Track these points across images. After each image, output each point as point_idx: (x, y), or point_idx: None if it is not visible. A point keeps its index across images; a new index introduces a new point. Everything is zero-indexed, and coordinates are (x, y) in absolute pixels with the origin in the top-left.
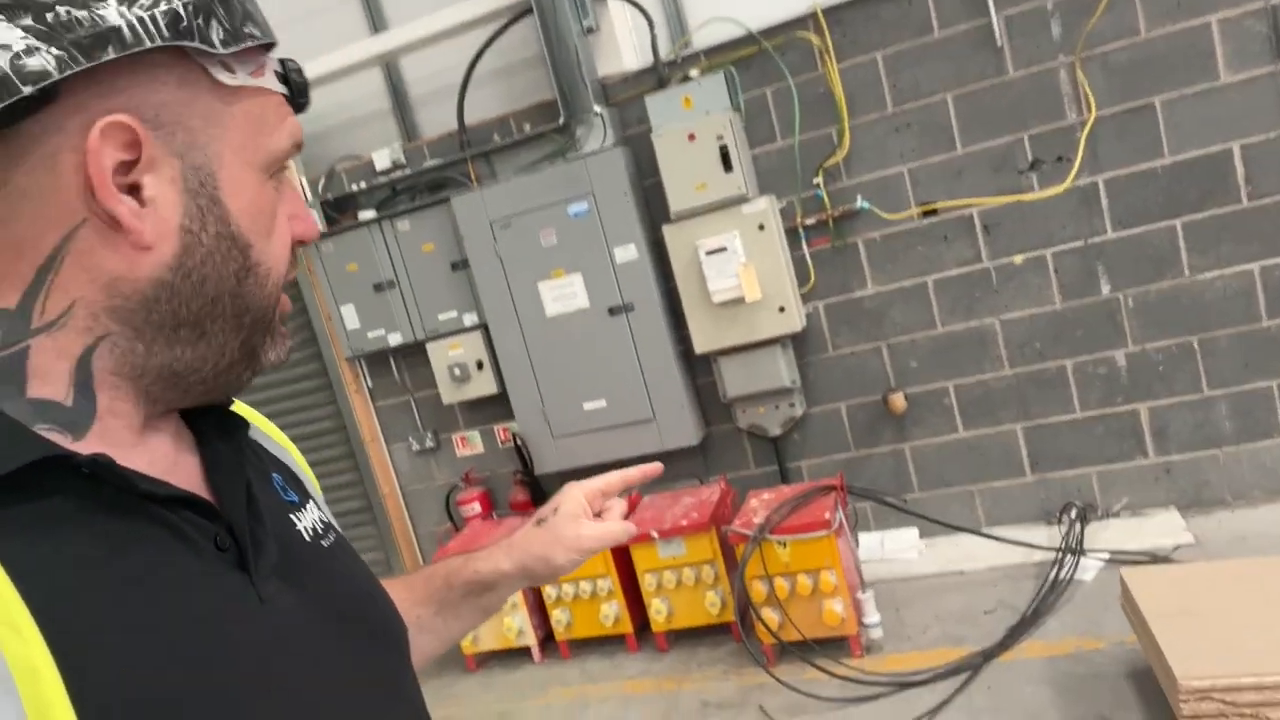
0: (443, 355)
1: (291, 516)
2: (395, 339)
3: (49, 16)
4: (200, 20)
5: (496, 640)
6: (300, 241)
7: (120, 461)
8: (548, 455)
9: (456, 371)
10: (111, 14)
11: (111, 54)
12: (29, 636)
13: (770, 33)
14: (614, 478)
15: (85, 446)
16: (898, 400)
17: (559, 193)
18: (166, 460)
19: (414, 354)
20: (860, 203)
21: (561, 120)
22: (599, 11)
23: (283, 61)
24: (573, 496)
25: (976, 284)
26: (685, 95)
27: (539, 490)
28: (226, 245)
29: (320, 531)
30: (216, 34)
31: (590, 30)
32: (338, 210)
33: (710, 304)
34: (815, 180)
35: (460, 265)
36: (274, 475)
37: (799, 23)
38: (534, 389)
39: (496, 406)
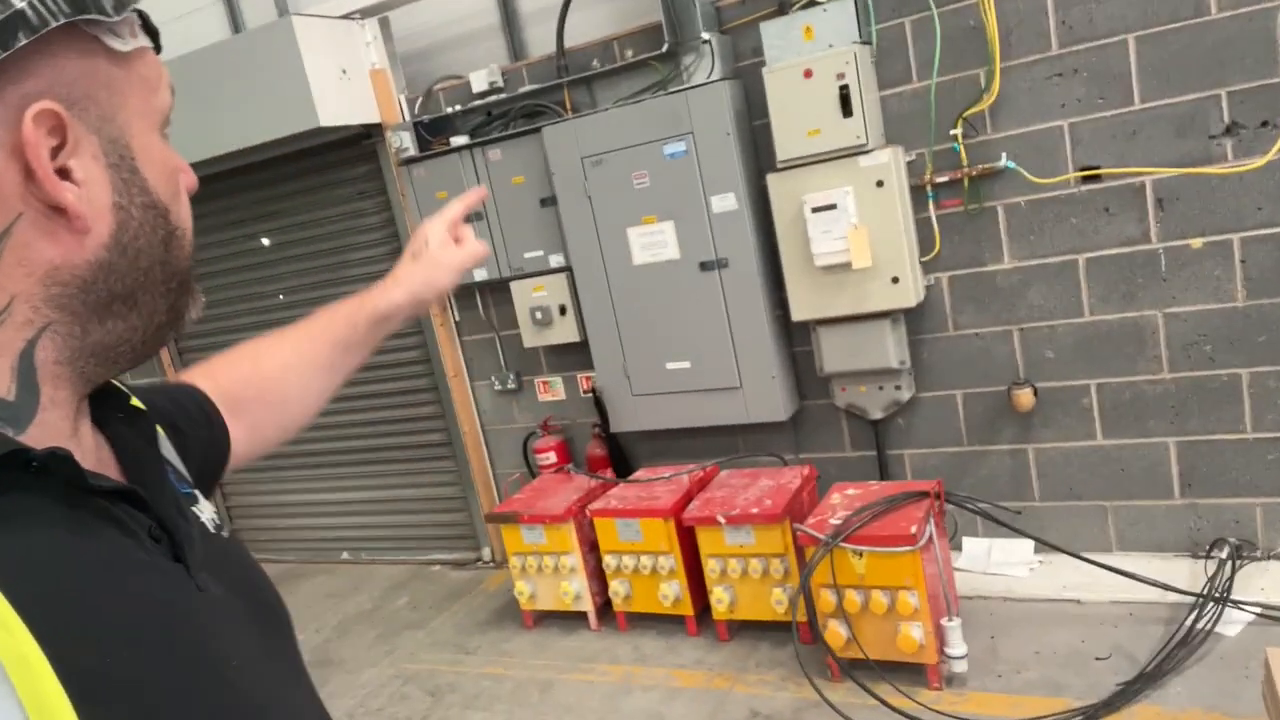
0: (526, 296)
1: (193, 510)
2: (481, 274)
3: None
4: None
5: (554, 601)
6: (191, 192)
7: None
8: (625, 413)
9: (539, 315)
10: None
11: (23, 39)
12: (15, 629)
13: None
14: (457, 206)
15: (29, 439)
16: (1025, 395)
17: (656, 130)
18: (93, 452)
19: (501, 291)
20: (1005, 161)
21: (666, 46)
22: None
23: (140, 12)
24: (436, 230)
25: (1140, 268)
26: (807, 23)
27: (616, 448)
28: (152, 215)
29: (218, 524)
30: (108, 0)
31: None
32: (432, 133)
33: (813, 267)
34: (953, 131)
35: (549, 202)
36: (167, 467)
37: None
38: (616, 342)
39: (579, 354)
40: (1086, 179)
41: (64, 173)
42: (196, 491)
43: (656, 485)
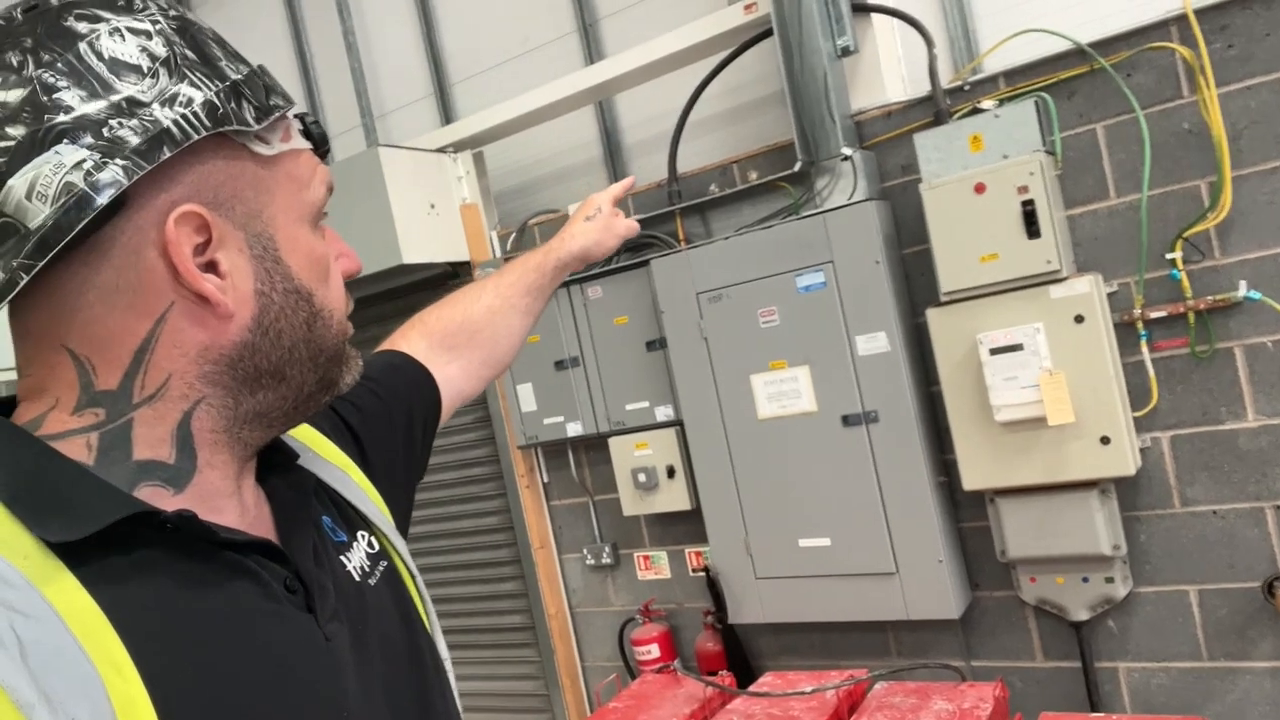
0: (627, 455)
1: (341, 558)
2: (575, 428)
3: (106, 132)
4: (233, 104)
5: None
6: (349, 276)
7: (216, 511)
8: (747, 599)
9: (642, 477)
10: (160, 117)
11: (167, 153)
12: (128, 675)
13: (1108, 46)
14: (617, 187)
15: (186, 498)
16: None
17: (787, 259)
18: (251, 508)
19: (596, 448)
20: (1244, 290)
21: (798, 165)
22: (859, 29)
23: (301, 118)
24: (606, 201)
25: None
26: (973, 133)
27: (734, 641)
28: (294, 299)
29: (367, 569)
30: (248, 112)
31: (846, 52)
32: None
33: (991, 422)
34: (1170, 255)
35: (656, 345)
36: (324, 517)
37: (1155, 30)
38: (736, 511)
39: (689, 524)
40: None
41: (212, 265)
42: (359, 534)
43: (793, 701)
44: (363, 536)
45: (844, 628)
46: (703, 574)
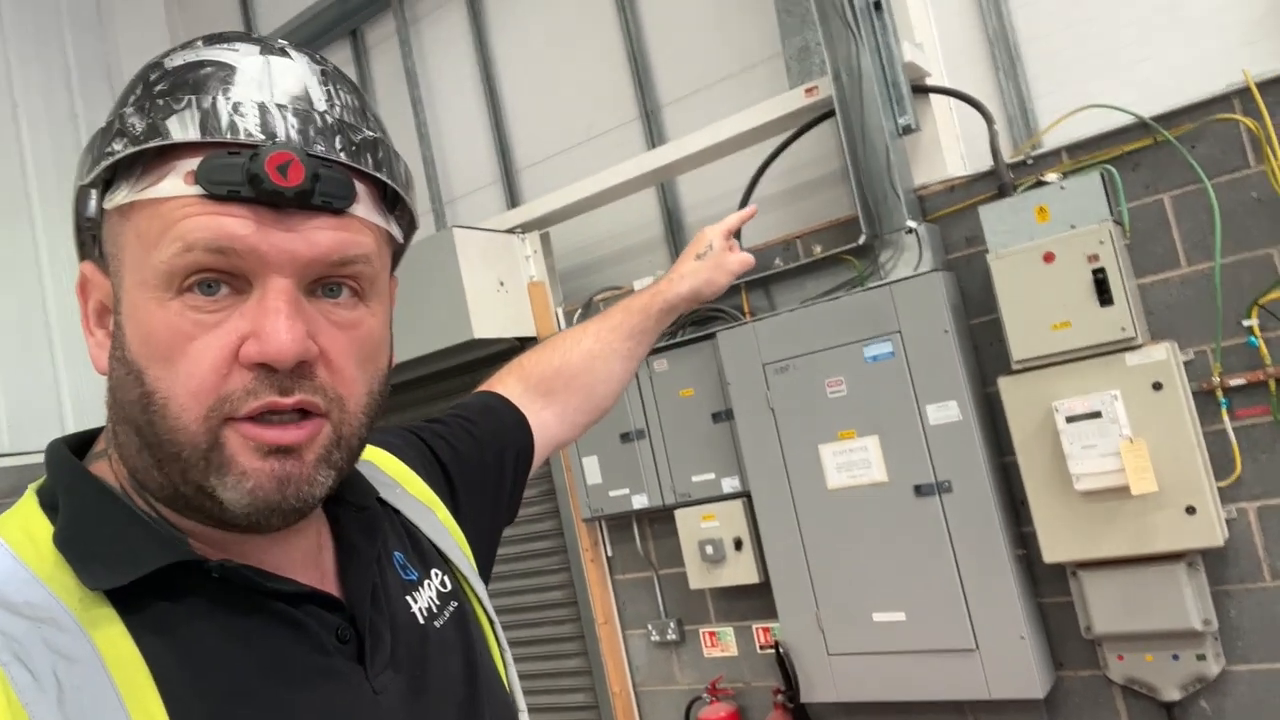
0: (694, 527)
1: (408, 598)
2: (640, 501)
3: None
4: (90, 153)
5: None
6: (249, 361)
7: (260, 558)
8: (819, 677)
9: (709, 550)
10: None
11: (91, 202)
12: None
13: (1170, 119)
14: (733, 218)
15: (197, 549)
16: None
17: (854, 330)
18: (307, 557)
19: (662, 521)
20: None
21: (863, 239)
22: (919, 109)
23: (221, 155)
24: (719, 236)
25: None
26: (1039, 204)
27: None
28: (124, 372)
29: (434, 609)
30: (87, 163)
31: (907, 130)
32: None
33: (1071, 492)
34: (1247, 322)
35: (723, 416)
36: (396, 554)
37: (1218, 103)
38: (807, 585)
39: (757, 599)
40: None
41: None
42: (434, 571)
43: None
44: (436, 574)
45: (921, 708)
46: (771, 651)
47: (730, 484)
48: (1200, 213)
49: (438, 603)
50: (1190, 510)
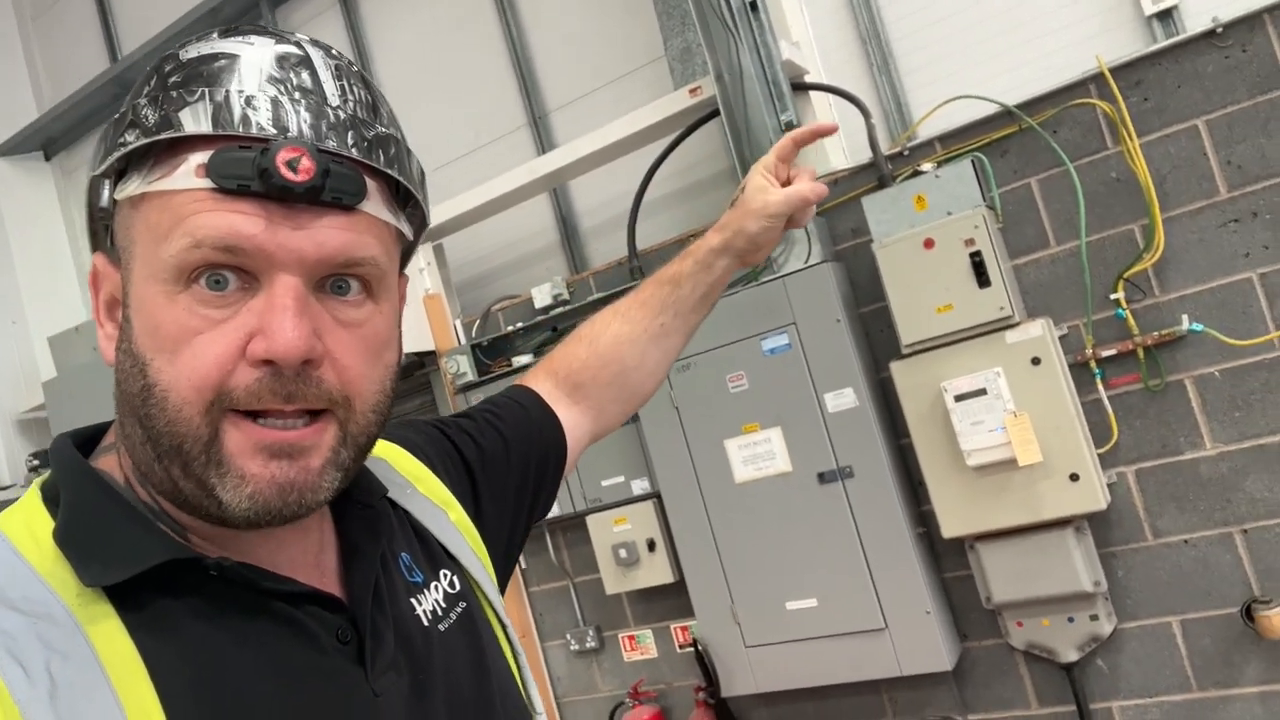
0: (606, 532)
1: (413, 600)
2: (551, 510)
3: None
4: (101, 145)
5: None
6: (263, 361)
7: (259, 555)
8: (738, 670)
9: (623, 553)
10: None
11: (105, 192)
12: None
13: (1033, 106)
14: (784, 141)
15: (198, 546)
16: (1275, 617)
17: (751, 324)
18: (308, 555)
19: (574, 528)
20: (1187, 324)
21: None
22: (800, 106)
23: (229, 149)
24: (757, 172)
25: None
26: (917, 193)
27: (728, 716)
28: (130, 364)
29: (440, 612)
30: (100, 153)
31: (789, 126)
32: (491, 356)
33: (964, 468)
34: (1114, 295)
35: (628, 420)
36: (402, 555)
37: (1077, 88)
38: (720, 580)
39: (673, 598)
40: None
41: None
42: (443, 573)
43: None
44: (444, 575)
45: (838, 691)
46: (690, 649)
47: (640, 485)
48: (1066, 194)
49: (444, 605)
50: (1074, 477)
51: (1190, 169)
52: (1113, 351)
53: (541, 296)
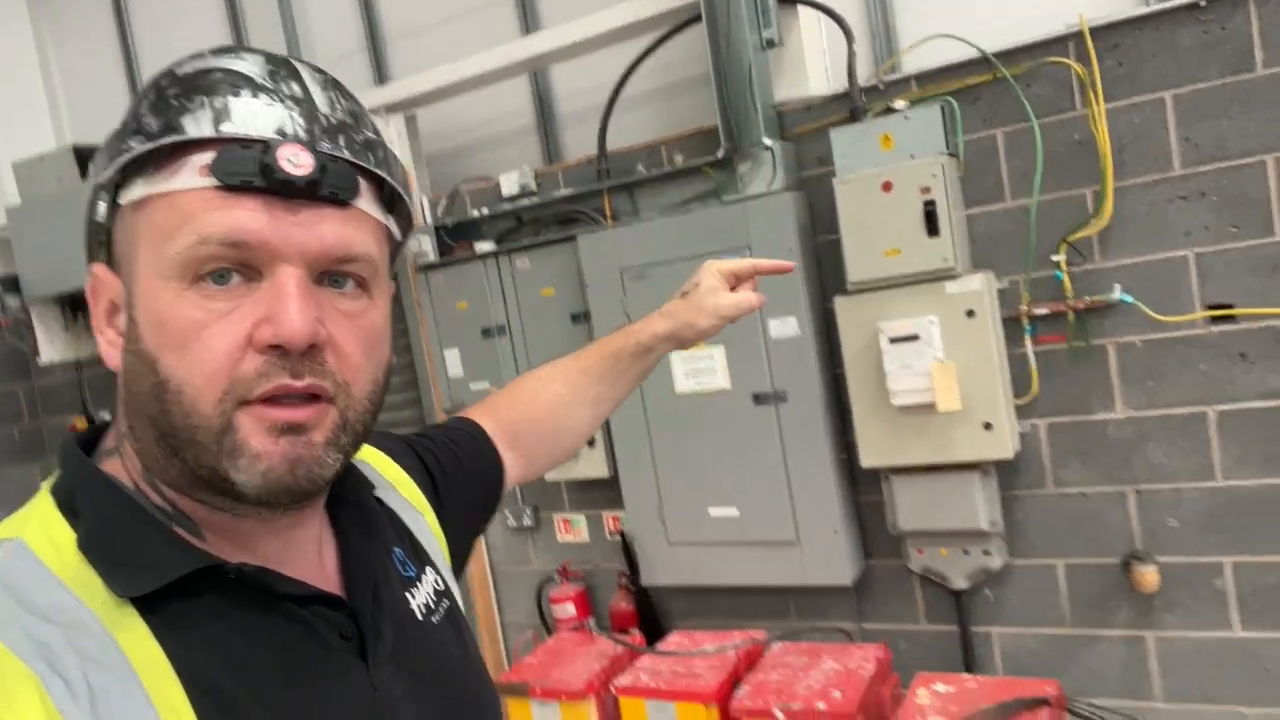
0: None
1: (406, 594)
2: None
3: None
4: (105, 155)
5: None
6: (270, 346)
7: (267, 553)
8: (659, 563)
9: None
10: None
11: (100, 206)
12: None
13: (1011, 56)
14: (744, 264)
15: (212, 545)
16: (1148, 574)
17: (708, 242)
18: (310, 553)
19: None
20: (1118, 293)
21: (722, 152)
22: (784, 22)
23: (228, 151)
24: (711, 272)
25: None
26: (885, 131)
27: (646, 602)
28: (138, 364)
29: (432, 605)
30: (103, 161)
31: (770, 44)
32: (454, 238)
33: (888, 406)
34: (1055, 257)
35: (581, 318)
36: (395, 550)
37: (1055, 44)
38: (651, 481)
39: (608, 491)
40: (1217, 319)
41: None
42: (428, 569)
43: (696, 660)
44: (430, 572)
45: (748, 591)
46: (619, 538)
47: None
48: (1028, 150)
49: (434, 600)
50: (988, 426)
51: (1149, 141)
52: (1045, 310)
53: (509, 184)
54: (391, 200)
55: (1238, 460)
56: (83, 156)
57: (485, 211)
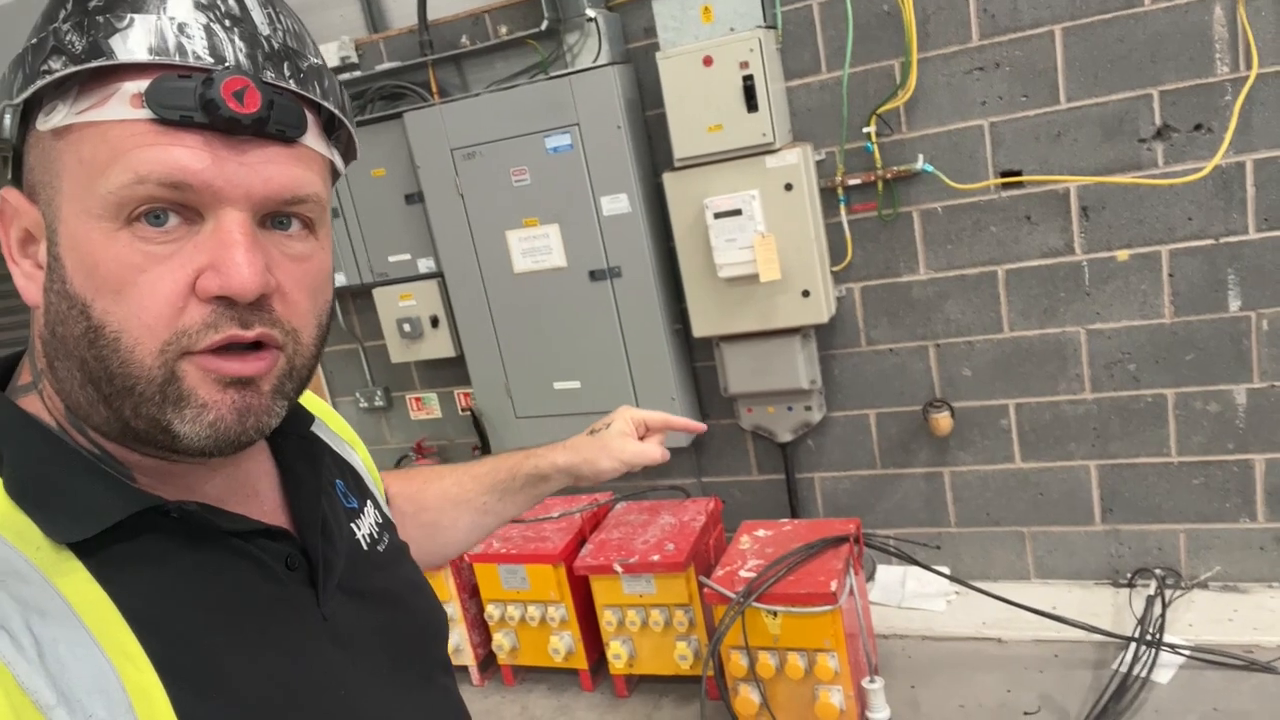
0: (392, 306)
1: (352, 525)
2: (339, 279)
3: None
4: (18, 71)
5: None
6: (218, 296)
7: (205, 490)
8: (508, 436)
9: (407, 327)
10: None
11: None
12: (141, 664)
13: None
14: (657, 418)
15: (145, 487)
16: (943, 418)
17: (536, 120)
18: (249, 485)
19: (364, 297)
20: (921, 163)
21: (545, 24)
22: None
23: (166, 78)
24: (624, 417)
25: (1062, 281)
26: (705, 3)
27: None
28: (66, 306)
29: (376, 536)
30: (17, 81)
31: None
32: None
33: (716, 278)
34: (866, 129)
35: (415, 199)
36: (337, 481)
37: None
38: (496, 358)
39: (457, 369)
40: (1007, 185)
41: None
42: (369, 503)
43: (545, 524)
44: (370, 505)
45: None
46: (469, 414)
47: (425, 264)
48: (842, 21)
49: (378, 531)
50: (805, 294)
51: (951, 12)
52: (858, 181)
53: (329, 56)
54: (331, 126)
55: (1021, 313)
56: None
57: None
